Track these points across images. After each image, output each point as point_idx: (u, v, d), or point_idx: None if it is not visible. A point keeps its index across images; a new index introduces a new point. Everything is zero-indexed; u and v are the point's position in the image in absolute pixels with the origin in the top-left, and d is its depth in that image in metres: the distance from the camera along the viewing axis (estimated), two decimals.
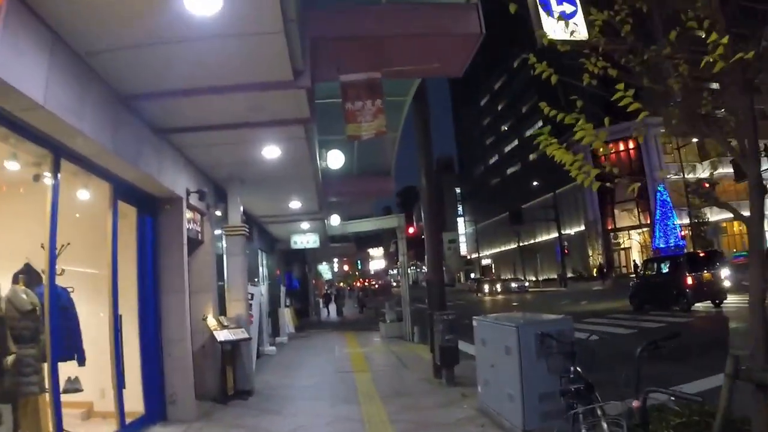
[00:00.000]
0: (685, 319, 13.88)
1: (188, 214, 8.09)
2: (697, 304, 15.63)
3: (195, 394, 7.08)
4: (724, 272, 16.40)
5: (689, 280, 15.59)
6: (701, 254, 17.50)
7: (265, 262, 17.77)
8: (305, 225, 15.84)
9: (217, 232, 9.32)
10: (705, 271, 15.85)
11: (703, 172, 39.28)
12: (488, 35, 6.33)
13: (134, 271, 6.61)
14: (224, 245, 9.32)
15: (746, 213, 3.35)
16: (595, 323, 14.69)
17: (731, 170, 38.35)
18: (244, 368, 8.53)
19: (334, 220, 17.83)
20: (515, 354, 5.16)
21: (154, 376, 6.67)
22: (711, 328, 12.41)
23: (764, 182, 3.25)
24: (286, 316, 19.33)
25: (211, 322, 8.15)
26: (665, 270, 17.10)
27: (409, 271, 19.07)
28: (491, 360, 5.85)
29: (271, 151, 7.61)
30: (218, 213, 9.01)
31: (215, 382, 8.20)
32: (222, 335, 7.97)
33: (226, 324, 8.29)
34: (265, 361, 12.55)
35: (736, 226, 41.31)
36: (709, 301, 15.84)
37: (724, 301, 15.76)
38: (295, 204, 11.96)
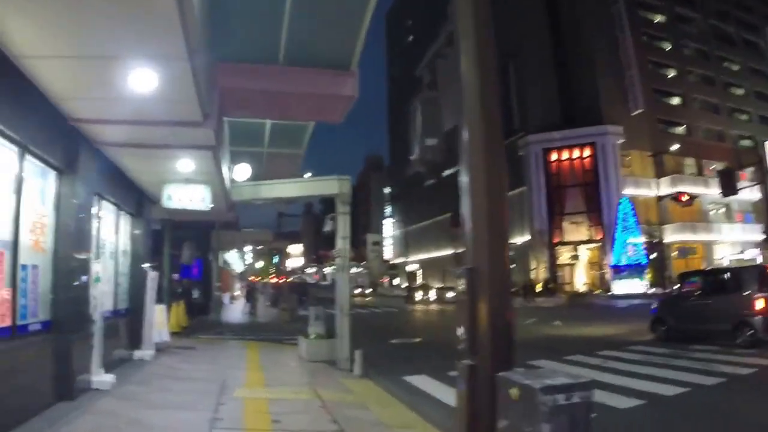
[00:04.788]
0: None
1: None
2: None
3: None
4: None
5: (759, 304, 10.66)
6: None
7: (123, 227, 11.01)
8: (186, 164, 8.62)
9: None
10: None
11: (659, 189, 37.09)
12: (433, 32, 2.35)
13: None
14: None
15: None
16: (631, 362, 9.73)
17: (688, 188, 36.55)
18: None
19: (241, 171, 11.44)
20: None
21: None
22: None
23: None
24: (159, 317, 12.60)
25: None
26: (716, 288, 12.14)
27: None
28: None
29: None
30: None
31: None
32: None
33: None
34: (79, 408, 6.04)
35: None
36: None
37: None
38: (146, 77, 4.90)
